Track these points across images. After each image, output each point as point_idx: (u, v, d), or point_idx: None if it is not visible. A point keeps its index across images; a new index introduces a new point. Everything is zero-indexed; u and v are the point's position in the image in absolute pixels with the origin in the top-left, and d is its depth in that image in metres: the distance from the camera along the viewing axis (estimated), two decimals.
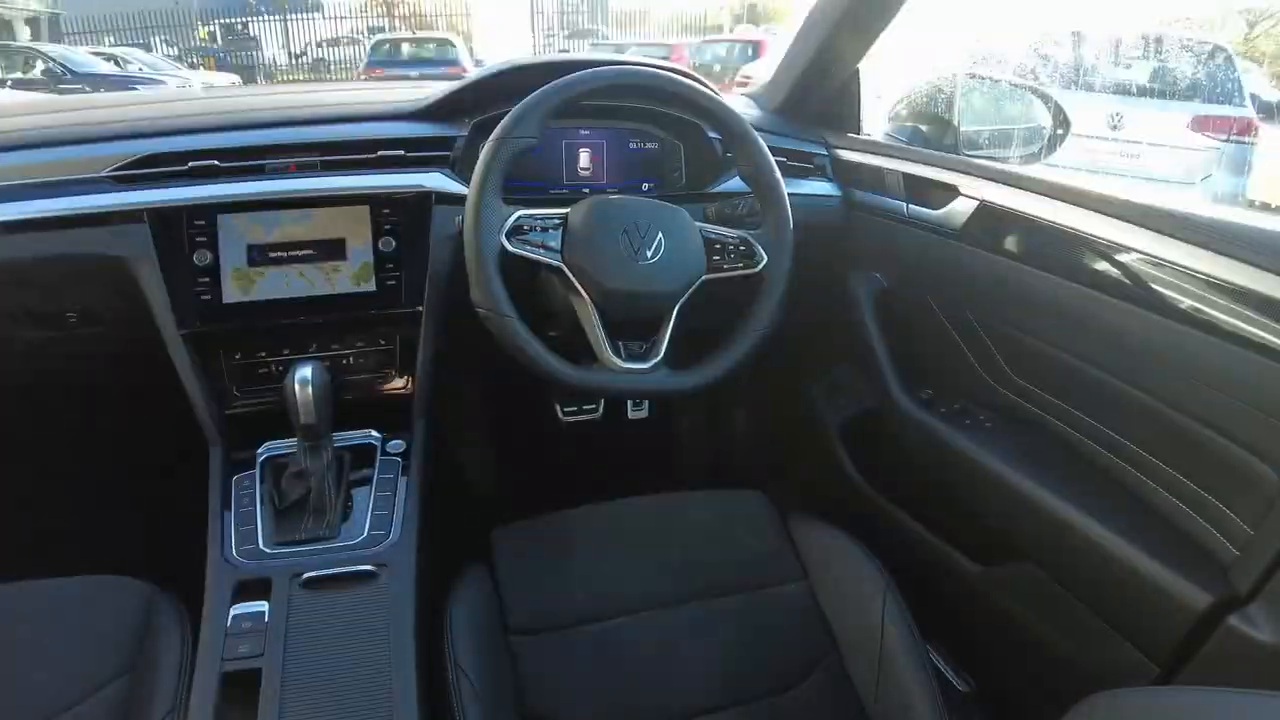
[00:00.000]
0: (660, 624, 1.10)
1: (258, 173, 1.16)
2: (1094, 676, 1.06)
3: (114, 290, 1.17)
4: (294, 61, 19.33)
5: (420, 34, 13.97)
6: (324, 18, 20.73)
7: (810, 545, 1.20)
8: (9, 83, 10.30)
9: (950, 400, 1.32)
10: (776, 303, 1.12)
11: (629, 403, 1.76)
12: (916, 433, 1.31)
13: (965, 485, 1.24)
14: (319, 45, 19.61)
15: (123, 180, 1.13)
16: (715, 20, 24.25)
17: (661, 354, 1.07)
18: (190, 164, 1.14)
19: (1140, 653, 0.98)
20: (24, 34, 18.99)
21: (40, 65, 11.02)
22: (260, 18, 20.13)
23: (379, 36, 13.54)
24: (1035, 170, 1.26)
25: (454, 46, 11.88)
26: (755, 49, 11.85)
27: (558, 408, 1.74)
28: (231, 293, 1.14)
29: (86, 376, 1.42)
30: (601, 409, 1.76)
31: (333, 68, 18.90)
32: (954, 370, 1.31)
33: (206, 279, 1.13)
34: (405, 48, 11.99)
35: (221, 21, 20.78)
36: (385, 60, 11.52)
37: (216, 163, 1.15)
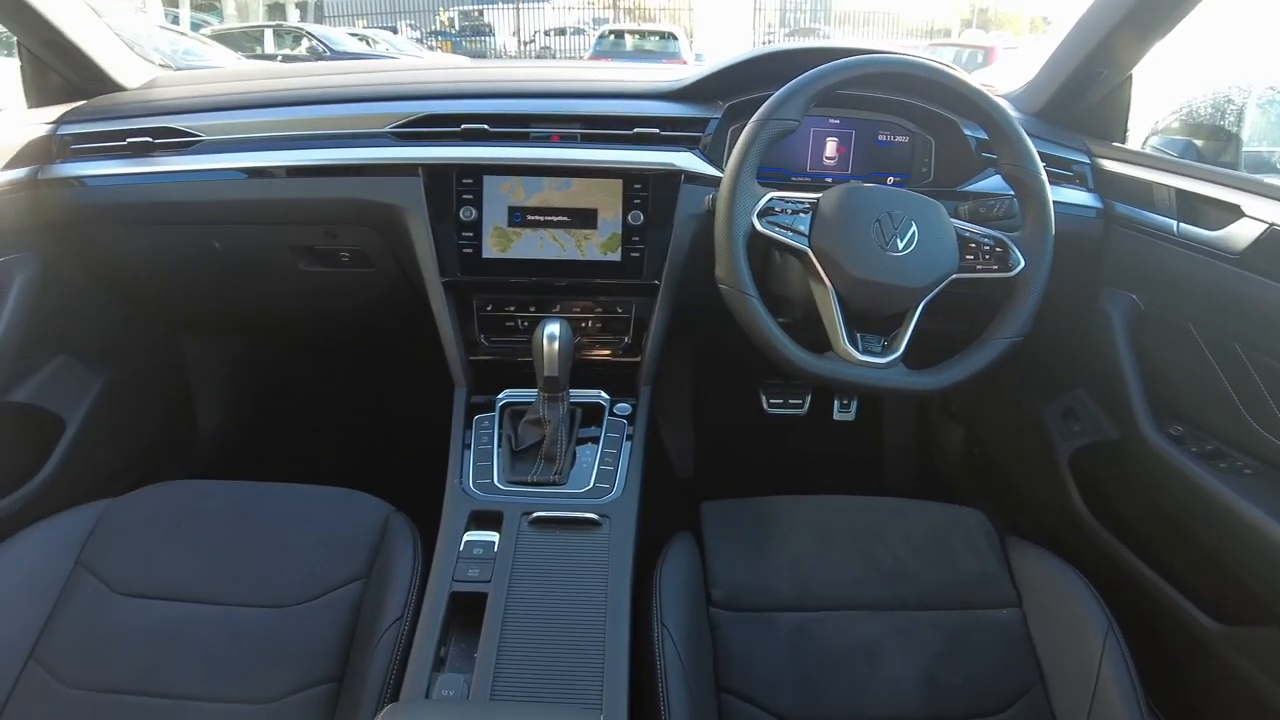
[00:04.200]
0: (863, 625, 1.09)
1: (523, 139, 1.25)
2: None
3: (385, 236, 1.30)
4: (522, 49, 20.30)
5: (644, 26, 14.27)
6: (552, 7, 21.62)
7: (1028, 572, 1.15)
8: (279, 57, 11.51)
9: (1203, 439, 1.21)
10: (1030, 311, 1.07)
11: (836, 403, 1.74)
12: (1162, 470, 1.21)
13: (1213, 533, 1.14)
14: (546, 34, 20.50)
15: (402, 136, 1.25)
16: (942, 24, 23.25)
17: (901, 350, 1.05)
18: (463, 126, 1.24)
19: None
20: (294, 15, 21.16)
21: (305, 43, 12.26)
22: (495, 5, 21.32)
23: (605, 27, 13.98)
24: None
25: (676, 40, 12.08)
26: (985, 55, 11.27)
27: (763, 398, 1.74)
28: (490, 249, 1.23)
29: (351, 314, 1.57)
30: (807, 405, 1.75)
31: (558, 56, 19.70)
32: (1212, 407, 1.20)
33: (469, 234, 1.23)
34: (629, 39, 12.32)
35: (460, 8, 22.16)
36: (609, 51, 11.87)
37: (486, 127, 1.24)
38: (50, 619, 1.03)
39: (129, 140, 1.29)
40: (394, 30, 17.85)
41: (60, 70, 1.42)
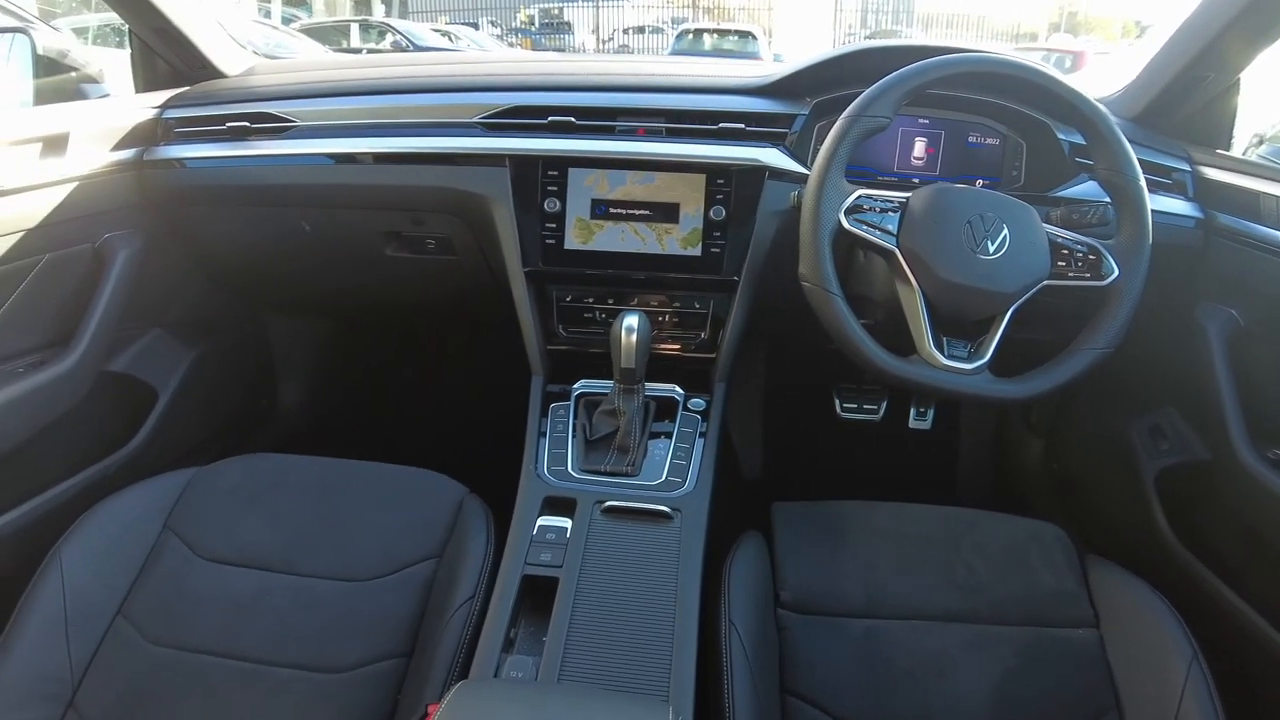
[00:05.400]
0: (933, 636, 1.07)
1: (608, 132, 1.26)
2: None
3: (470, 225, 1.32)
4: (601, 46, 20.42)
5: (723, 25, 14.19)
6: (632, 6, 21.69)
7: (1107, 592, 1.10)
8: (364, 51, 11.81)
9: None
10: (1122, 323, 1.03)
11: (912, 411, 1.71)
12: (1258, 494, 1.15)
13: None
14: (625, 32, 20.60)
15: (491, 127, 1.27)
16: (1028, 28, 22.64)
17: (988, 357, 1.02)
18: (550, 118, 1.25)
19: None
20: (379, 11, 21.73)
21: (390, 38, 12.57)
22: (575, 3, 21.48)
23: (683, 26, 13.97)
24: None
25: (755, 39, 11.99)
26: (1074, 60, 10.90)
27: (837, 401, 1.72)
28: (572, 240, 1.25)
29: (434, 301, 1.61)
30: (882, 412, 1.72)
31: (635, 54, 19.77)
32: None
33: (553, 225, 1.24)
34: (707, 39, 12.27)
35: (540, 5, 22.40)
36: (687, 50, 11.85)
37: (573, 119, 1.25)
38: (139, 578, 1.07)
39: (228, 125, 1.34)
40: (475, 26, 18.14)
41: (167, 57, 1.49)
